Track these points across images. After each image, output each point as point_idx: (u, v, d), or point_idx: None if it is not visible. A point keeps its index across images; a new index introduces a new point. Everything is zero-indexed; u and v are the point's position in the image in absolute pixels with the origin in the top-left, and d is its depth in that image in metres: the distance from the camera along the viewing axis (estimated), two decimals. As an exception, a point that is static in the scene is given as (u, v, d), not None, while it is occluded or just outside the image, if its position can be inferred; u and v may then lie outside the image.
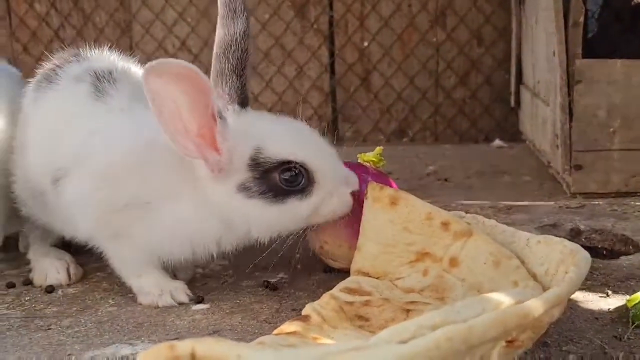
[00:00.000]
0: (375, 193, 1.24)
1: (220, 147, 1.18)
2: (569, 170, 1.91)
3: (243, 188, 1.20)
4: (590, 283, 1.31)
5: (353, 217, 1.31)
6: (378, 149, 1.44)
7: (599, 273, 1.35)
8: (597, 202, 1.80)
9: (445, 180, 2.23)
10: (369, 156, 1.43)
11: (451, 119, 2.89)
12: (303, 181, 1.22)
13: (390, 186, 1.38)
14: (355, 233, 1.28)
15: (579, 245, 1.08)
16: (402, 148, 2.76)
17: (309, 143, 1.27)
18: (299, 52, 2.91)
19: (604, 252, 1.58)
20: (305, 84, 2.93)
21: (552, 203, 1.83)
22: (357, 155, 1.45)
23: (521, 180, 2.18)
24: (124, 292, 1.33)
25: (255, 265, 1.45)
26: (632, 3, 2.76)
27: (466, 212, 1.61)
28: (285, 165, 1.21)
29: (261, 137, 1.22)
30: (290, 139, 1.25)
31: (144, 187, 1.22)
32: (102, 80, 1.33)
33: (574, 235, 1.61)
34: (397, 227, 1.22)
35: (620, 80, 1.84)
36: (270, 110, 2.93)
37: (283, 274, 1.41)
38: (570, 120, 1.88)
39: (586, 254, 1.04)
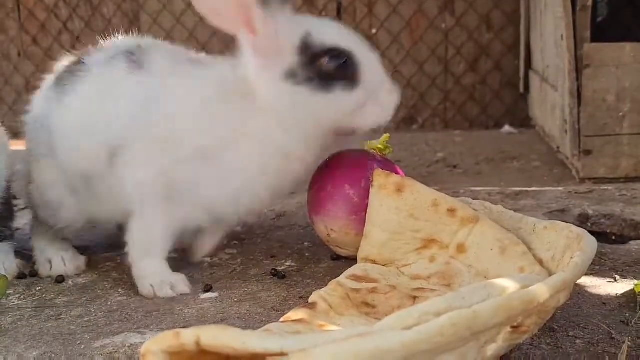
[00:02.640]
0: (382, 180, 1.24)
1: (260, 29, 1.21)
2: (578, 156, 1.90)
3: (290, 75, 1.22)
4: (599, 268, 1.30)
5: (360, 205, 1.31)
6: (385, 136, 1.44)
7: (607, 258, 1.34)
8: (606, 187, 1.79)
9: (454, 167, 2.23)
10: (375, 144, 1.43)
11: (461, 106, 2.88)
12: (350, 70, 1.23)
13: (397, 173, 1.38)
14: (362, 220, 1.29)
15: (585, 231, 1.07)
16: (411, 135, 2.76)
17: (357, 40, 1.28)
18: (307, 40, 2.90)
19: (613, 237, 1.58)
20: (314, 72, 2.92)
21: (561, 188, 1.82)
22: (364, 143, 1.45)
23: (531, 166, 2.17)
24: (134, 281, 1.34)
25: (263, 254, 1.47)
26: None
27: (474, 199, 1.62)
28: (334, 52, 1.22)
29: (309, 25, 1.25)
30: (339, 30, 1.28)
31: (208, 136, 1.25)
32: (135, 54, 1.34)
33: (583, 220, 1.60)
34: (403, 214, 1.22)
35: (630, 64, 1.83)
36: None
37: (291, 262, 1.42)
38: (579, 105, 1.87)
39: (592, 239, 1.03)
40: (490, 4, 2.79)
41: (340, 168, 1.37)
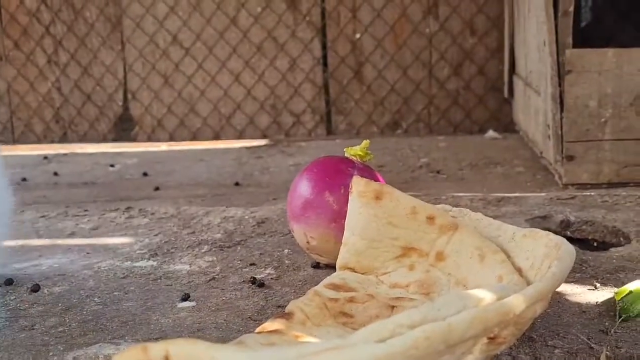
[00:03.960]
0: (360, 187, 1.23)
1: None
2: (560, 161, 1.90)
3: None
4: (579, 275, 1.30)
5: (340, 212, 1.30)
6: (365, 142, 1.43)
7: (588, 265, 1.34)
8: (588, 193, 1.79)
9: (438, 172, 2.22)
10: (355, 150, 1.42)
11: (445, 110, 2.88)
12: None
13: (377, 180, 1.37)
14: (342, 228, 1.27)
15: (563, 239, 1.06)
16: (395, 140, 2.75)
17: None
18: (292, 45, 2.90)
19: (595, 243, 1.58)
20: (298, 77, 2.92)
21: (543, 194, 1.81)
22: (344, 149, 1.44)
23: (514, 172, 2.17)
24: (110, 289, 1.32)
25: (243, 261, 1.45)
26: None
27: (456, 205, 1.61)
28: None
29: None
30: None
31: None
32: None
33: (565, 227, 1.60)
34: (382, 222, 1.20)
35: (612, 69, 1.83)
36: (262, 104, 2.92)
37: (271, 269, 1.40)
38: (561, 110, 1.87)
39: (570, 247, 1.02)
40: (474, 9, 2.79)
41: (320, 174, 1.36)
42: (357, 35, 2.86)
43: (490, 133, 2.68)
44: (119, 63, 2.98)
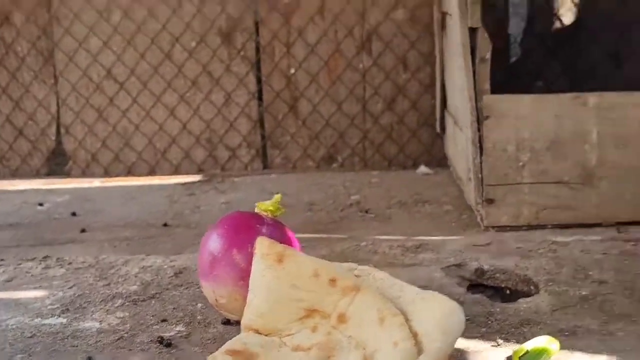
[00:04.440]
0: (263, 249, 1.23)
1: None
2: (481, 204, 1.92)
3: None
4: (485, 330, 1.31)
5: (247, 270, 1.30)
6: (277, 196, 1.43)
7: (494, 319, 1.36)
8: (504, 238, 1.82)
9: (366, 212, 2.23)
10: (266, 205, 1.42)
11: (380, 145, 2.90)
12: None
13: (286, 237, 1.37)
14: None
15: (457, 307, 1.08)
16: (330, 175, 2.76)
17: None
18: (227, 79, 2.90)
19: (508, 292, 1.60)
20: (234, 111, 2.91)
21: (462, 238, 1.84)
22: (255, 204, 1.44)
23: (442, 210, 2.19)
24: (15, 351, 1.30)
25: (155, 317, 1.44)
26: (554, 28, 2.81)
27: (375, 252, 1.63)
28: None
29: None
30: None
31: None
32: None
33: (478, 275, 1.62)
34: (285, 284, 1.20)
35: (528, 115, 1.87)
36: (198, 138, 2.91)
37: (181, 326, 1.39)
38: (481, 154, 1.90)
39: (461, 317, 1.04)
40: (406, 45, 2.83)
41: (228, 231, 1.36)
42: (292, 70, 2.87)
43: (422, 168, 2.71)
44: (51, 97, 2.94)
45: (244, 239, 1.34)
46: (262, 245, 1.23)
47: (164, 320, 1.42)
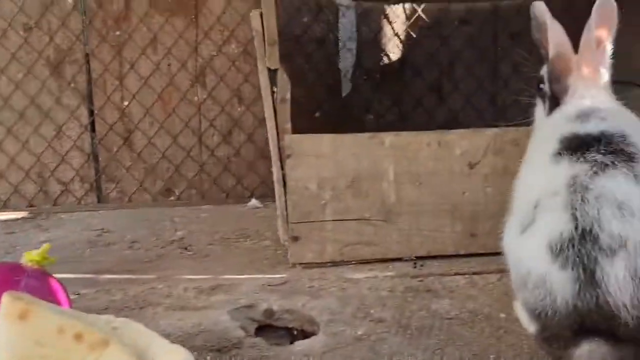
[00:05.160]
0: (8, 305, 1.19)
1: None
2: (288, 241, 1.95)
3: None
4: (254, 376, 1.32)
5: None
6: (45, 246, 1.40)
7: (268, 363, 1.37)
8: (302, 276, 1.85)
9: (186, 248, 2.22)
10: (32, 255, 1.38)
11: (217, 177, 2.90)
12: None
13: (49, 288, 1.34)
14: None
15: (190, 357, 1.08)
16: (162, 210, 2.72)
17: None
18: (57, 111, 2.82)
19: (295, 332, 1.63)
20: (65, 144, 2.84)
21: (262, 277, 1.85)
22: (23, 254, 1.40)
23: (260, 246, 2.21)
24: None
25: None
26: (381, 64, 2.91)
27: (168, 295, 1.61)
28: None
29: None
30: None
31: None
32: None
33: (267, 316, 1.64)
34: (29, 341, 1.17)
35: (329, 154, 1.91)
36: (28, 172, 2.81)
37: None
38: (285, 193, 1.92)
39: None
40: (240, 78, 2.85)
41: (-12, 284, 1.31)
42: (125, 103, 2.83)
43: (253, 202, 2.72)
44: None
45: (2, 290, 1.29)
46: (6, 301, 1.19)
47: None
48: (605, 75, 1.49)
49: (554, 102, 1.48)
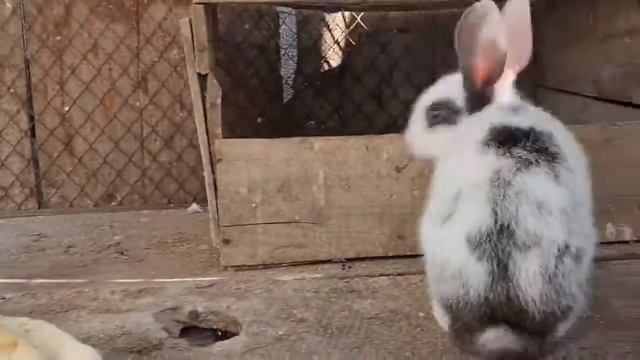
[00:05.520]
0: None
1: None
2: (219, 244, 1.97)
3: None
4: (168, 376, 1.34)
5: None
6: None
7: (186, 364, 1.39)
8: (230, 279, 1.87)
9: (122, 253, 2.23)
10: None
11: (159, 182, 2.91)
12: None
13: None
14: None
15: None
16: (102, 215, 2.72)
17: None
18: (-4, 116, 2.80)
19: (220, 333, 1.65)
20: (5, 149, 2.82)
21: (191, 280, 1.87)
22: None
23: (196, 250, 2.22)
24: None
25: None
26: (322, 70, 2.95)
27: (95, 298, 1.61)
28: None
29: None
30: None
31: None
32: None
33: (192, 318, 1.65)
34: (-61, 343, 1.18)
35: (259, 158, 1.94)
36: (-34, 177, 2.79)
37: None
38: (216, 197, 1.95)
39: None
40: (182, 84, 2.86)
41: None
42: (66, 108, 2.83)
43: (193, 207, 2.74)
44: None
45: None
46: None
47: None
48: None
49: (479, 101, 1.54)
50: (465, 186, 1.32)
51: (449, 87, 1.63)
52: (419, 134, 1.67)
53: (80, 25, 2.78)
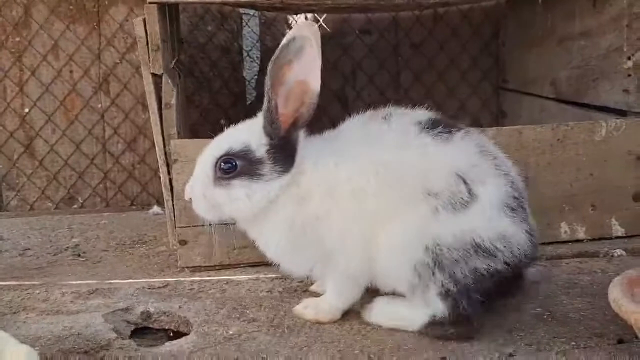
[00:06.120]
0: None
1: None
2: (176, 245, 1.96)
3: None
4: (113, 377, 1.33)
5: None
6: None
7: (129, 364, 1.38)
8: (185, 279, 1.86)
9: (79, 255, 2.20)
10: None
11: (121, 185, 2.89)
12: None
13: None
14: None
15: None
16: (59, 218, 2.68)
17: None
18: (-45, 119, 2.77)
19: (171, 333, 1.64)
20: (-36, 152, 2.79)
21: (143, 280, 1.86)
22: None
23: (154, 251, 2.21)
24: None
25: None
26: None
27: (45, 300, 1.59)
28: None
29: None
30: None
31: None
32: None
33: (144, 318, 1.64)
34: None
35: (215, 158, 1.93)
36: None
37: None
38: (172, 197, 1.94)
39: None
40: (144, 86, 2.84)
41: None
42: (26, 110, 2.80)
43: (155, 209, 2.72)
44: None
45: None
46: None
47: None
48: None
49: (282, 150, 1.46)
50: None
51: (245, 134, 1.48)
52: (207, 192, 1.49)
53: (39, 26, 2.76)
